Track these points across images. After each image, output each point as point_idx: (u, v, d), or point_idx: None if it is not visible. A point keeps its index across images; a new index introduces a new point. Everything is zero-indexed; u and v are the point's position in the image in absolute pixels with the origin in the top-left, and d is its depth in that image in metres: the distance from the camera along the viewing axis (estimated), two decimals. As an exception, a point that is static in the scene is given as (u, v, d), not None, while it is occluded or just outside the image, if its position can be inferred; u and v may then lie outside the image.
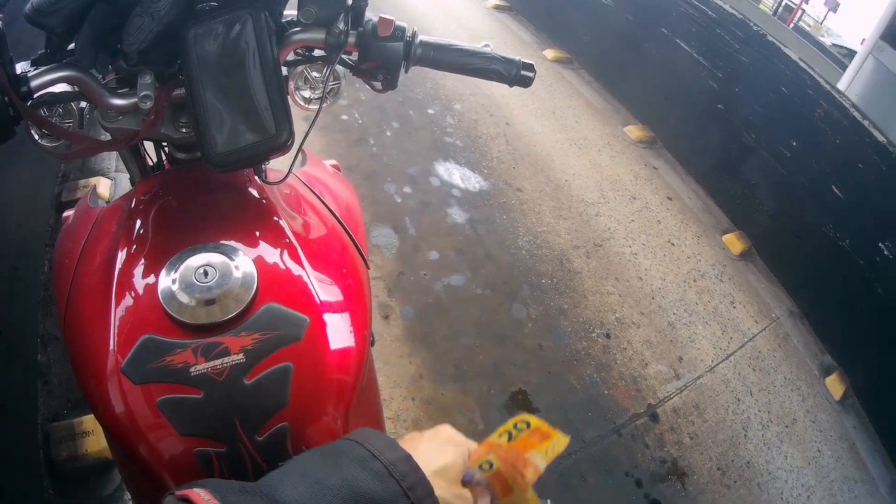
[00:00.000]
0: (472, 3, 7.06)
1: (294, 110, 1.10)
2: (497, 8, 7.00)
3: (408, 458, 0.70)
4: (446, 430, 0.84)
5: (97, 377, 0.88)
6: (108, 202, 1.60)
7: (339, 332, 0.96)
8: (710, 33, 4.57)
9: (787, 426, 2.99)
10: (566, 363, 2.91)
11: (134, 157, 1.34)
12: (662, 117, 5.08)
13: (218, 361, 0.86)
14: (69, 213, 1.41)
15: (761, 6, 14.17)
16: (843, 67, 5.15)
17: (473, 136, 4.48)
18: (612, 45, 5.66)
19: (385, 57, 1.13)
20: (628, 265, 3.59)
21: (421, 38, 1.14)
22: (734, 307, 3.53)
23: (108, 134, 1.14)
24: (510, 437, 0.81)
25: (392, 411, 2.57)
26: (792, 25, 14.08)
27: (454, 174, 4.02)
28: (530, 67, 1.17)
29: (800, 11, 17.05)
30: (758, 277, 3.86)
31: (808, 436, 3.01)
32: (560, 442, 0.79)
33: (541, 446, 0.81)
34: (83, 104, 1.11)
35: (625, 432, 2.71)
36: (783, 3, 15.68)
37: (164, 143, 1.31)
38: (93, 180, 3.35)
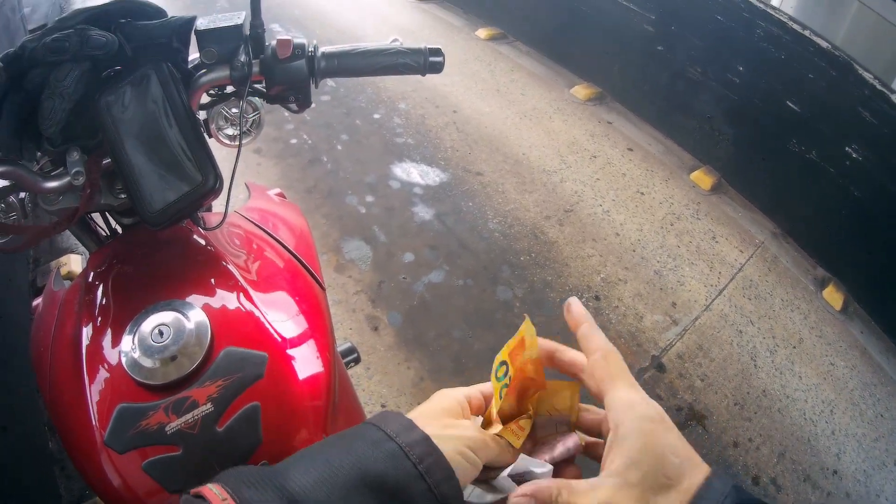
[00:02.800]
0: (397, 1, 7.04)
1: (224, 150, 1.14)
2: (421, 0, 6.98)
3: (426, 439, 0.65)
4: (444, 394, 0.77)
5: (86, 453, 0.89)
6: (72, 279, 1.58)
7: (302, 360, 0.97)
8: None
9: (794, 347, 2.97)
10: (562, 334, 2.75)
11: (85, 232, 1.32)
12: (606, 71, 5.04)
13: (189, 415, 0.87)
14: (38, 301, 1.40)
15: None
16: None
17: (423, 130, 4.44)
18: (543, 10, 5.63)
19: (291, 78, 1.13)
20: (602, 224, 3.56)
21: (322, 50, 1.15)
22: (716, 242, 3.51)
23: (52, 216, 1.14)
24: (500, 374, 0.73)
25: None
26: None
27: (412, 173, 3.98)
28: (437, 52, 1.17)
29: None
30: (733, 207, 3.84)
31: (818, 351, 2.98)
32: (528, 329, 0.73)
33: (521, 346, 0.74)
34: (21, 195, 1.11)
35: (635, 389, 2.66)
36: None
37: (109, 213, 1.30)
38: (63, 259, 3.33)
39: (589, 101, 4.89)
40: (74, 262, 3.29)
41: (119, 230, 1.35)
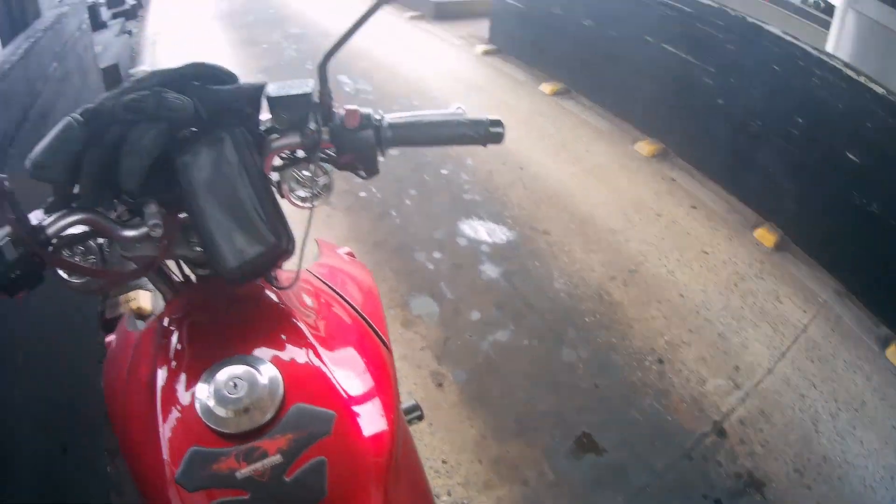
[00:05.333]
0: (462, 55, 7.23)
1: (296, 211, 1.20)
2: (486, 53, 7.17)
3: None
4: None
5: (157, 489, 0.96)
6: (145, 318, 1.68)
7: (367, 418, 1.02)
8: (692, 29, 4.63)
9: (856, 410, 2.98)
10: (624, 397, 2.94)
11: (160, 277, 1.37)
12: (668, 126, 5.12)
13: (259, 464, 0.92)
14: (111, 338, 1.49)
15: None
16: (827, 25, 5.16)
17: (491, 187, 4.58)
18: (602, 64, 5.76)
19: (359, 147, 1.18)
20: (667, 284, 3.63)
21: (388, 120, 1.20)
22: (780, 302, 3.54)
23: (130, 263, 1.20)
24: None
25: (462, 476, 2.60)
26: None
27: (479, 230, 4.10)
28: (498, 123, 1.21)
29: None
30: (797, 265, 3.87)
31: (881, 414, 2.99)
32: None
33: None
34: (101, 240, 1.17)
35: (695, 455, 2.72)
36: None
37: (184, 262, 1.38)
38: (132, 294, 3.48)
39: (653, 157, 4.99)
40: (143, 298, 3.44)
41: (192, 277, 1.41)
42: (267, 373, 1.01)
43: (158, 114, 1.05)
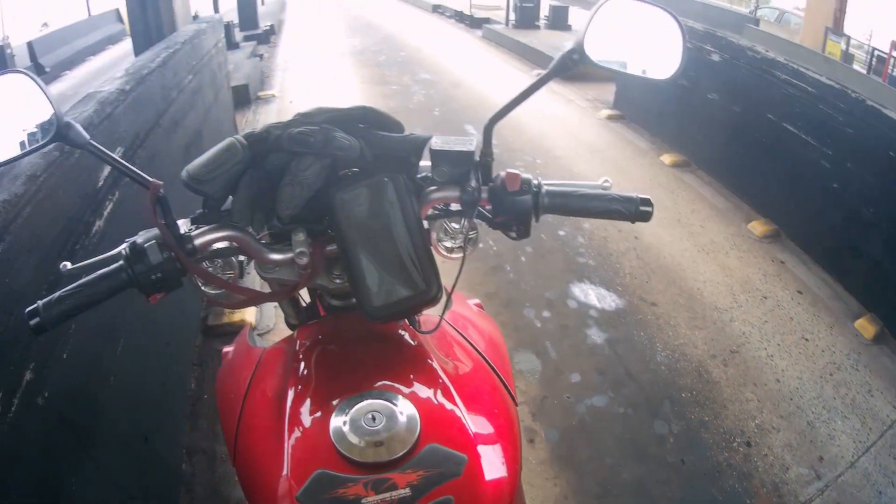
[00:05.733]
0: (586, 117, 7.48)
1: (438, 260, 1.21)
2: (610, 118, 7.39)
3: None
4: None
5: (274, 502, 1.00)
6: (255, 329, 1.71)
7: (492, 465, 1.04)
8: (813, 110, 4.68)
9: (933, 514, 3.06)
10: (708, 476, 3.08)
11: (290, 301, 1.45)
12: (782, 207, 5.19)
13: (387, 495, 0.95)
14: (228, 349, 1.59)
15: (855, 64, 13.91)
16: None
17: (605, 253, 4.82)
18: (724, 139, 5.87)
19: (517, 210, 1.19)
20: (765, 368, 3.77)
21: (546, 187, 1.21)
22: (871, 395, 3.63)
23: (268, 284, 1.29)
24: None
25: None
26: (887, 78, 13.67)
27: (590, 294, 4.34)
28: (648, 202, 1.22)
29: (892, 60, 16.42)
30: (892, 359, 3.92)
31: (958, 521, 3.06)
32: None
33: None
34: (242, 257, 1.25)
35: (769, 540, 2.84)
36: (875, 54, 15.21)
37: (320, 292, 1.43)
38: (247, 326, 3.70)
39: (764, 238, 5.10)
40: (248, 312, 3.74)
41: (319, 308, 1.50)
42: (405, 410, 1.05)
43: (325, 150, 1.11)
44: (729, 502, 2.98)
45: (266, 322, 3.95)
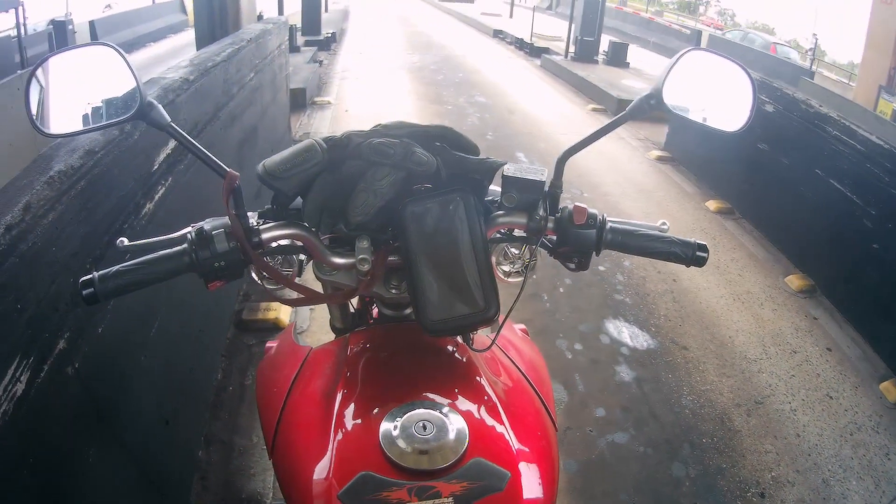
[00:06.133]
0: (636, 156, 7.56)
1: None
2: (659, 159, 7.47)
3: None
4: None
5: (311, 499, 1.01)
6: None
7: (531, 486, 1.05)
8: (860, 168, 4.73)
9: (929, 581, 3.10)
10: None
11: (340, 305, 1.48)
12: (821, 263, 5.23)
13: (430, 502, 0.96)
14: (272, 343, 1.61)
15: None
16: None
17: (642, 293, 4.91)
18: (770, 190, 5.93)
19: (580, 242, 1.23)
20: (787, 422, 3.83)
21: (610, 224, 1.24)
22: (888, 459, 3.67)
23: (329, 286, 1.31)
24: None
25: None
26: None
27: (623, 332, 4.44)
28: (704, 248, 1.25)
29: None
30: (914, 427, 3.97)
31: None
32: None
33: None
34: (302, 256, 1.28)
35: None
36: None
37: (374, 301, 1.45)
38: (273, 304, 3.84)
39: (800, 293, 5.16)
40: (284, 312, 3.84)
41: (369, 317, 1.53)
42: (455, 423, 1.06)
43: (403, 164, 1.14)
44: None
45: (301, 324, 4.08)
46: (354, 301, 1.52)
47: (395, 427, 1.04)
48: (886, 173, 4.48)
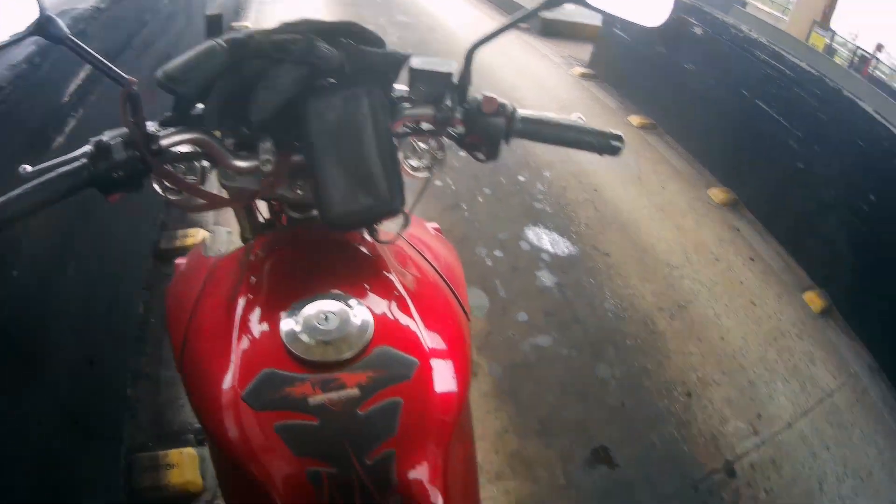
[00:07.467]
0: (559, 73, 7.35)
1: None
2: (583, 76, 7.27)
3: None
4: None
5: (217, 404, 0.98)
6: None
7: (442, 377, 1.04)
8: (789, 93, 4.69)
9: (862, 479, 3.06)
10: (647, 421, 3.06)
11: (247, 213, 1.42)
12: (745, 179, 5.20)
13: (334, 394, 0.94)
14: (182, 260, 1.55)
15: (836, 58, 14.15)
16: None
17: (563, 202, 4.73)
18: (694, 108, 5.84)
19: (489, 132, 1.23)
20: (711, 326, 3.74)
21: (521, 113, 1.24)
22: (813, 364, 3.63)
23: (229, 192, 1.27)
24: None
25: (478, 462, 2.73)
26: (867, 76, 13.98)
27: (543, 239, 4.26)
28: (619, 138, 1.25)
29: (874, 61, 16.75)
30: (837, 334, 3.94)
31: (885, 488, 3.07)
32: None
33: None
34: (205, 163, 1.22)
35: (702, 487, 2.83)
36: (857, 53, 15.49)
37: (279, 203, 1.41)
38: (192, 231, 3.66)
39: (723, 206, 5.08)
40: (202, 236, 3.64)
41: (278, 222, 1.46)
42: (360, 313, 1.04)
43: (306, 59, 1.10)
44: (667, 448, 2.97)
45: (218, 247, 3.73)
46: (264, 211, 1.47)
47: (297, 322, 1.02)
48: (814, 98, 4.47)
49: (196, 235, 3.71)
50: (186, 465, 2.46)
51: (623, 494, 2.75)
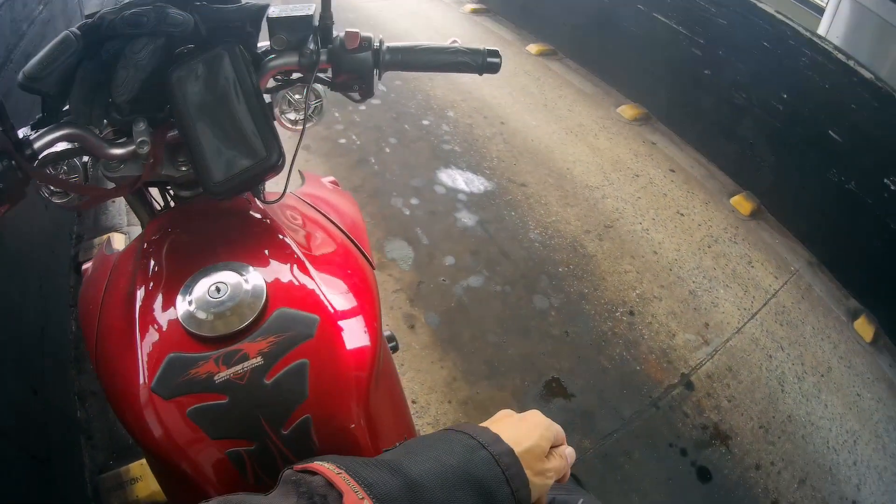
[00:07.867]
0: (450, 12, 7.11)
1: (285, 134, 1.17)
2: (475, 12, 7.04)
3: (510, 451, 0.77)
4: (535, 415, 0.87)
5: (130, 401, 0.93)
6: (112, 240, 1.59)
7: (350, 331, 1.00)
8: (685, 1, 4.58)
9: (822, 375, 3.01)
10: (594, 345, 2.94)
11: (141, 203, 1.38)
12: (652, 93, 5.10)
13: (238, 367, 0.91)
14: (88, 264, 1.48)
15: None
16: (821, 12, 5.15)
17: (470, 139, 4.53)
18: (593, 29, 5.68)
19: (357, 68, 1.20)
20: (641, 241, 3.63)
21: (388, 44, 1.21)
22: (752, 266, 3.56)
23: (113, 183, 1.20)
24: None
25: (431, 416, 2.60)
26: None
27: (457, 179, 4.07)
28: (495, 54, 1.23)
29: None
30: (771, 234, 3.88)
31: (846, 381, 3.02)
32: None
33: None
34: (85, 158, 1.17)
35: (662, 404, 2.73)
36: None
37: (168, 185, 1.37)
38: (105, 237, 3.40)
39: (634, 121, 4.96)
40: (117, 241, 3.37)
41: (172, 204, 1.41)
42: (252, 280, 1.01)
43: (159, 28, 1.05)
44: (618, 369, 2.86)
45: (119, 244, 3.48)
46: (157, 197, 1.42)
47: (190, 300, 0.99)
48: (712, 4, 4.36)
49: (113, 238, 3.47)
50: (149, 475, 2.37)
51: (584, 424, 2.65)
